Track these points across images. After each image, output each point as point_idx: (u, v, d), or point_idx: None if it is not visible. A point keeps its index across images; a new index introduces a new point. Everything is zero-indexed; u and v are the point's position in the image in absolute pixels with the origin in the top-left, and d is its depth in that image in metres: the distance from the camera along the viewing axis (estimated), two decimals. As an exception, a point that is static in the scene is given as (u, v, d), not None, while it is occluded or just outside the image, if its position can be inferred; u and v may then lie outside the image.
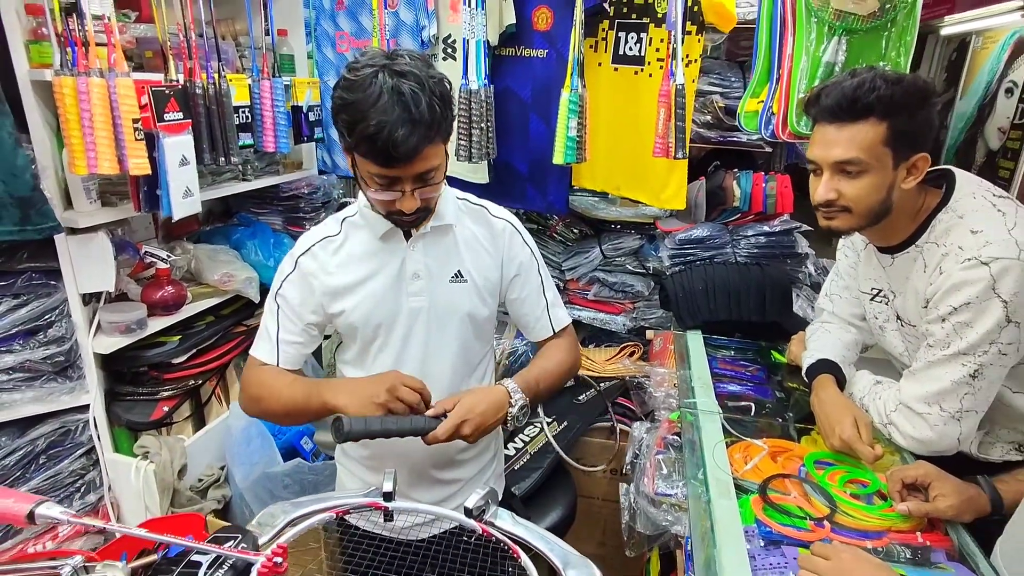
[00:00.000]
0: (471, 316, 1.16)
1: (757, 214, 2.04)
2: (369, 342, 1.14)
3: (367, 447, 1.22)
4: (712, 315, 1.80)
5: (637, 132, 1.98)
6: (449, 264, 1.14)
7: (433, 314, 1.13)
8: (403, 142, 0.89)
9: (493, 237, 1.18)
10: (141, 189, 1.43)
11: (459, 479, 1.26)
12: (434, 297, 1.13)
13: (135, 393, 1.66)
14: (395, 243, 1.11)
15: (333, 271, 1.11)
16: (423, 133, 0.91)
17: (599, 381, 2.18)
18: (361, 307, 1.11)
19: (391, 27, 1.98)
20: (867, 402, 1.27)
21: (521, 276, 1.21)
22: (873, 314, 1.38)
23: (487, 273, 1.17)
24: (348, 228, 1.14)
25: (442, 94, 0.94)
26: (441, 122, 0.94)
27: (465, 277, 1.14)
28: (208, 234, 2.07)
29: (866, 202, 1.11)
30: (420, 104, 0.89)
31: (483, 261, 1.17)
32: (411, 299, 1.12)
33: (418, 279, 1.11)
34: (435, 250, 1.13)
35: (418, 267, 1.11)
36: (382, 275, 1.11)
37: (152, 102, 1.32)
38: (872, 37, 1.47)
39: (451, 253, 1.14)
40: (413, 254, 1.11)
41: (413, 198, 0.98)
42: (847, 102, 1.06)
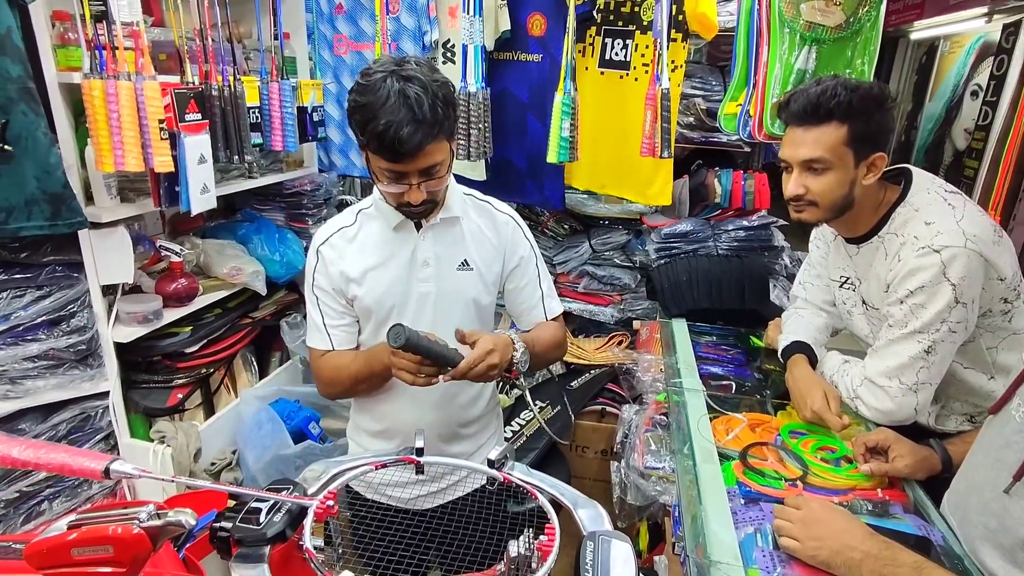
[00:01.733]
0: (475, 302, 1.25)
1: (737, 210, 2.18)
2: (381, 324, 1.23)
3: (378, 421, 1.32)
4: (695, 304, 1.93)
5: (623, 133, 2.10)
6: (456, 253, 1.23)
7: (440, 299, 1.22)
8: (408, 139, 0.98)
9: (497, 230, 1.27)
10: (162, 185, 1.51)
11: (463, 452, 1.36)
12: (441, 284, 1.21)
13: (150, 381, 1.73)
14: (407, 233, 1.21)
15: (349, 258, 1.20)
16: (426, 131, 1.00)
17: (589, 368, 2.30)
18: (374, 291, 1.20)
19: (392, 31, 2.08)
20: (836, 379, 1.40)
21: (520, 267, 1.30)
22: (842, 300, 1.51)
23: (490, 263, 1.26)
24: (363, 219, 1.24)
25: (445, 96, 1.03)
26: (443, 122, 1.03)
27: (471, 266, 1.23)
28: (213, 229, 2.14)
29: (830, 196, 1.24)
30: (423, 105, 0.99)
31: (487, 252, 1.26)
32: (420, 285, 1.20)
33: (427, 266, 1.20)
34: (444, 240, 1.22)
35: (428, 255, 1.20)
36: (394, 262, 1.20)
37: (175, 103, 1.40)
38: (839, 47, 1.60)
39: (458, 243, 1.23)
40: (423, 243, 1.20)
41: (419, 191, 1.07)
42: (812, 107, 1.20)
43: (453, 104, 1.07)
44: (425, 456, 0.85)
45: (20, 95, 1.25)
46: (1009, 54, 1.85)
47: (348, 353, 1.24)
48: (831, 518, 0.97)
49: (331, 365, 1.23)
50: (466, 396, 1.30)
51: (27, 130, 1.27)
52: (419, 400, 1.25)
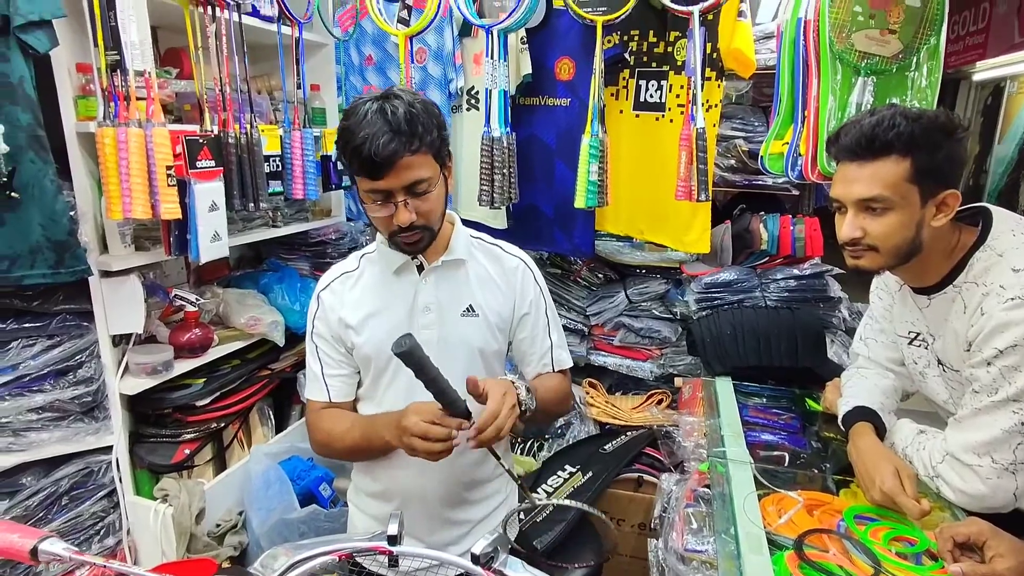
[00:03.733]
0: (481, 351, 1.18)
1: (786, 257, 2.00)
2: (380, 373, 1.16)
3: (378, 481, 1.22)
4: (741, 360, 1.74)
5: (659, 176, 1.98)
6: (461, 298, 1.16)
7: (443, 347, 1.14)
8: (383, 148, 0.96)
9: (506, 274, 1.21)
10: (172, 233, 1.48)
11: (470, 519, 1.23)
12: (444, 330, 1.15)
13: (158, 435, 1.67)
14: (408, 276, 1.15)
15: (349, 304, 1.16)
16: (402, 142, 0.98)
17: (626, 430, 2.11)
18: (374, 338, 1.14)
19: (418, 80, 2.06)
20: (910, 453, 1.19)
21: (530, 315, 1.22)
22: (912, 359, 1.31)
23: (499, 309, 1.19)
24: (365, 263, 1.20)
25: (425, 110, 1.01)
26: (423, 134, 1.00)
27: (476, 312, 1.17)
28: (238, 279, 2.12)
29: (893, 240, 1.07)
30: (398, 115, 0.98)
31: (495, 297, 1.19)
32: (422, 331, 1.14)
33: (429, 312, 1.14)
34: (447, 284, 1.16)
35: (429, 300, 1.14)
36: (395, 307, 1.15)
37: (185, 150, 1.38)
38: (898, 78, 1.46)
39: (463, 288, 1.17)
40: (425, 287, 1.14)
41: (407, 210, 1.02)
42: (866, 140, 1.05)
43: (438, 123, 1.04)
44: (402, 545, 0.71)
45: (29, 143, 1.24)
46: None
47: (345, 418, 1.16)
48: None
49: (326, 428, 1.15)
50: (473, 452, 1.17)
51: (35, 178, 1.26)
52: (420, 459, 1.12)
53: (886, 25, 1.45)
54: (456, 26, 2.01)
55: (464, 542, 1.23)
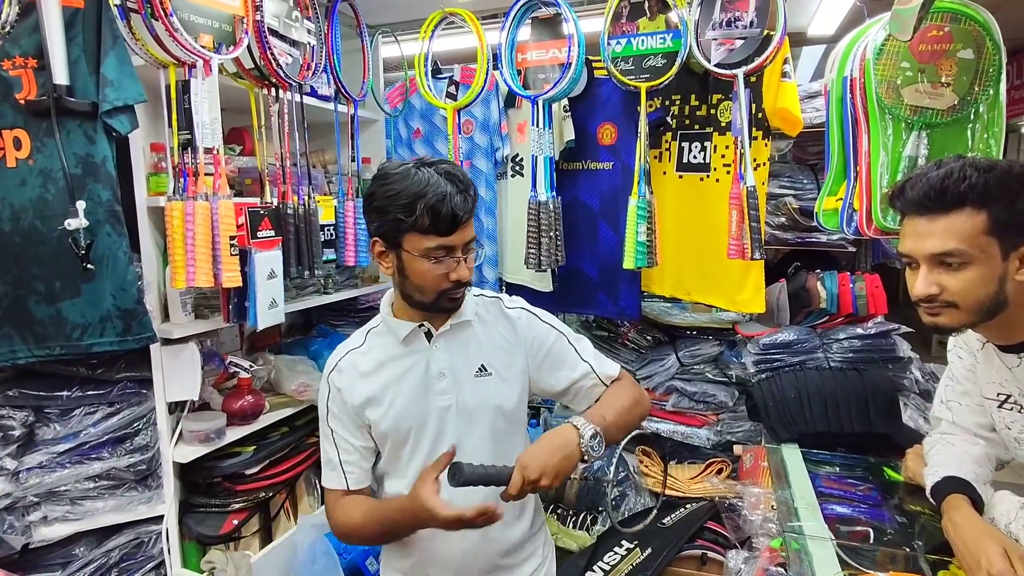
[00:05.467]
0: (500, 408, 1.15)
1: (847, 316, 1.91)
2: (400, 446, 1.14)
3: (409, 557, 1.18)
4: (809, 426, 1.63)
5: (706, 236, 1.96)
6: (472, 359, 1.15)
7: (462, 411, 1.13)
8: (461, 206, 1.03)
9: (511, 325, 1.19)
10: (231, 301, 1.52)
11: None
12: (461, 394, 1.13)
13: (208, 504, 1.65)
14: (418, 345, 1.14)
15: (360, 383, 1.13)
16: (472, 198, 1.06)
17: (685, 502, 1.99)
18: (390, 413, 1.12)
19: (466, 150, 2.13)
20: (1015, 529, 1.08)
21: (551, 355, 1.19)
22: (1004, 424, 1.20)
23: (510, 363, 1.17)
24: (372, 338, 1.18)
25: (471, 181, 1.09)
26: (474, 199, 1.07)
27: (489, 370, 1.15)
28: (288, 346, 2.15)
29: (974, 296, 1.01)
30: (464, 178, 1.06)
31: (504, 352, 1.17)
32: (438, 398, 1.12)
33: (444, 377, 1.13)
34: (457, 347, 1.15)
35: (442, 366, 1.13)
36: (408, 378, 1.13)
37: (248, 221, 1.44)
38: (956, 130, 1.43)
39: (472, 348, 1.16)
40: (436, 353, 1.13)
41: (465, 267, 1.07)
42: (936, 193, 1.00)
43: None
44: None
45: (107, 218, 1.31)
46: None
47: (356, 511, 1.13)
48: None
49: (342, 521, 1.13)
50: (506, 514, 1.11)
51: (110, 250, 1.32)
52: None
53: (938, 79, 1.44)
54: (502, 98, 2.08)
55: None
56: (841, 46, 1.58)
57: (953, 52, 1.42)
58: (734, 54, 1.68)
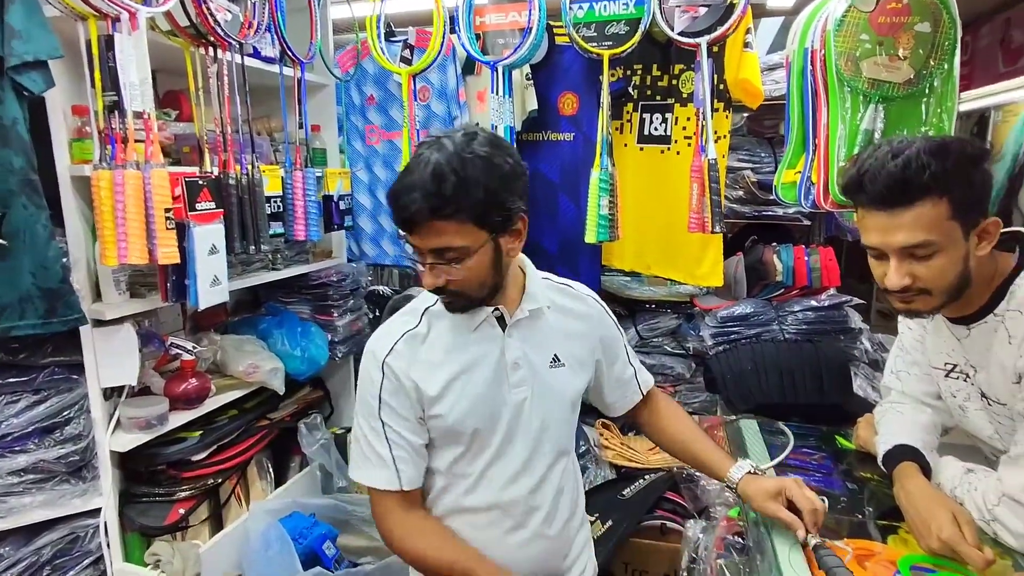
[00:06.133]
0: (571, 401, 1.11)
1: (802, 288, 1.95)
2: (469, 442, 1.03)
3: None
4: (765, 397, 1.66)
5: (666, 210, 1.95)
6: (546, 350, 1.07)
7: (536, 405, 1.06)
8: (408, 205, 0.88)
9: (585, 316, 1.13)
10: (169, 279, 1.41)
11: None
12: (536, 386, 1.06)
13: (151, 494, 1.56)
14: (490, 331, 1.03)
15: (424, 369, 1.00)
16: (432, 204, 0.87)
17: (644, 473, 2.01)
18: (459, 407, 1.00)
19: (422, 118, 2.04)
20: (960, 494, 1.11)
21: (610, 356, 1.17)
22: (950, 392, 1.24)
23: (581, 355, 1.12)
24: (431, 319, 1.04)
25: (472, 176, 0.88)
26: (459, 201, 0.88)
27: (563, 361, 1.09)
28: (236, 324, 2.04)
29: (945, 280, 1.02)
30: (438, 175, 0.87)
31: (576, 343, 1.11)
32: (514, 391, 1.04)
33: (519, 368, 1.04)
34: (532, 336, 1.06)
35: (518, 356, 1.04)
36: (479, 369, 1.02)
37: (185, 192, 1.33)
38: (911, 104, 1.44)
39: (547, 338, 1.08)
40: (512, 342, 1.03)
41: (432, 274, 0.93)
42: (899, 186, 0.98)
43: (490, 188, 0.90)
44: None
45: (21, 187, 1.19)
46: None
47: (447, 547, 1.02)
48: None
49: (419, 548, 1.01)
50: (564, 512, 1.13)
51: (26, 224, 1.20)
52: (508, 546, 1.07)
53: (895, 51, 1.44)
54: (459, 64, 2.00)
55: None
56: (803, 17, 1.56)
57: (911, 25, 1.42)
58: (697, 22, 1.65)
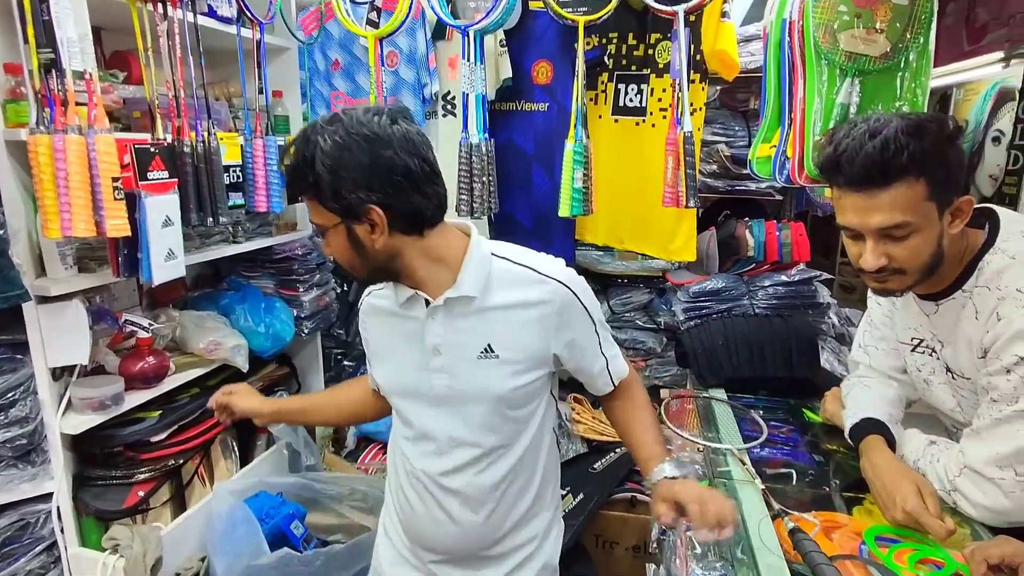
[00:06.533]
0: (501, 398, 1.01)
1: (772, 263, 1.96)
2: (398, 410, 1.10)
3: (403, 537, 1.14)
4: (736, 372, 1.67)
5: (640, 184, 1.93)
6: (476, 338, 0.98)
7: (457, 397, 1.01)
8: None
9: (541, 306, 0.99)
10: (120, 252, 1.33)
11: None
12: (457, 378, 1.00)
13: (107, 477, 1.50)
14: (415, 311, 1.00)
15: (373, 327, 1.10)
16: (290, 178, 0.95)
17: (615, 447, 2.02)
18: (387, 373, 1.09)
19: (390, 85, 1.95)
20: (923, 465, 1.14)
21: (578, 345, 1.05)
22: (915, 366, 1.26)
23: (526, 345, 1.00)
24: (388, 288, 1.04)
25: (311, 156, 0.88)
26: (301, 181, 0.91)
27: (497, 352, 0.99)
28: (195, 300, 1.96)
29: (920, 260, 1.02)
30: (286, 159, 0.93)
31: (522, 333, 0.99)
32: (434, 376, 1.01)
33: (439, 355, 0.99)
34: (456, 323, 0.98)
35: (438, 341, 0.99)
36: (405, 347, 1.03)
37: (135, 160, 1.24)
38: (886, 78, 1.42)
39: (479, 325, 0.98)
40: (433, 325, 0.99)
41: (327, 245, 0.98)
42: (879, 168, 0.96)
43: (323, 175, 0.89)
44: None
45: (-51, 153, 1.09)
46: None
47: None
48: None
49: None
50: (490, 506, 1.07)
51: (-44, 193, 1.10)
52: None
53: (872, 24, 1.42)
54: (429, 28, 1.91)
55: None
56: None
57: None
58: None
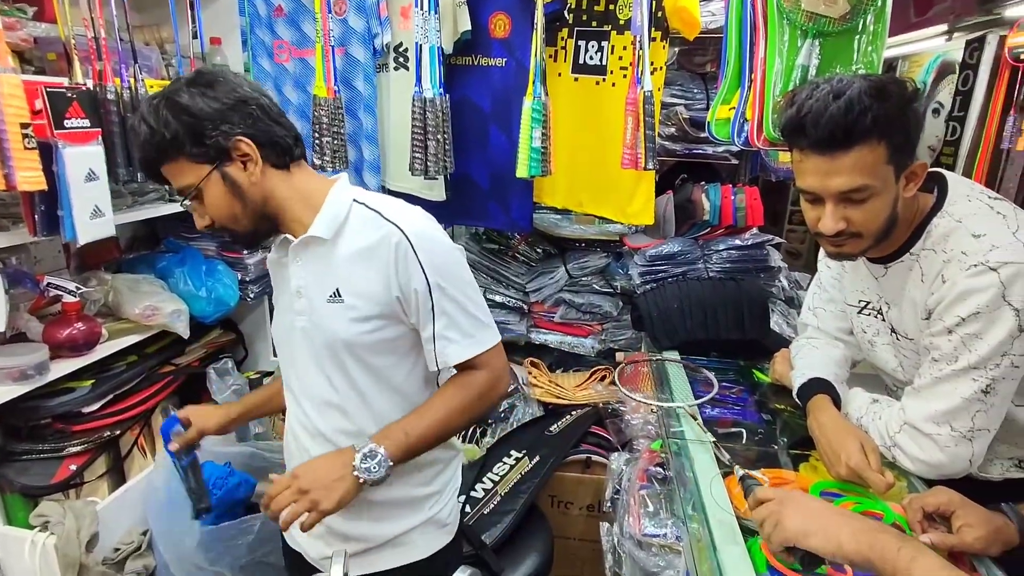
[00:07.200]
0: (347, 344, 0.99)
1: (727, 227, 1.97)
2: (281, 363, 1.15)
3: None
4: (690, 335, 1.69)
5: (600, 145, 1.89)
6: (327, 281, 1.01)
7: (314, 336, 1.03)
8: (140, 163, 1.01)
9: (379, 246, 0.97)
10: (37, 209, 1.21)
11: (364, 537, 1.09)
12: (313, 318, 1.03)
13: (33, 451, 1.40)
14: (283, 254, 1.07)
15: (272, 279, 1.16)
16: (146, 154, 0.97)
17: (570, 409, 2.04)
18: (275, 324, 1.14)
19: (338, 35, 1.83)
20: (866, 422, 1.18)
21: (411, 301, 0.98)
22: (861, 328, 1.30)
23: (368, 291, 0.98)
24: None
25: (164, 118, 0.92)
26: (161, 145, 0.94)
27: (343, 296, 0.99)
28: (131, 263, 1.84)
29: (876, 224, 1.03)
30: (137, 132, 0.95)
31: (365, 276, 0.98)
32: (297, 318, 1.05)
33: (300, 296, 1.04)
34: (313, 265, 1.02)
35: (300, 283, 1.04)
36: (282, 290, 1.10)
37: (48, 106, 1.12)
38: (845, 40, 1.42)
39: (331, 268, 1.00)
40: (296, 267, 1.04)
41: (196, 215, 1.01)
42: (841, 131, 0.96)
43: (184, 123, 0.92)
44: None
45: None
46: (975, 69, 1.87)
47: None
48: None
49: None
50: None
51: None
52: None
53: (833, -15, 1.41)
54: (379, -27, 1.79)
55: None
56: (744, -58, 1.49)
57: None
58: (637, -59, 1.54)
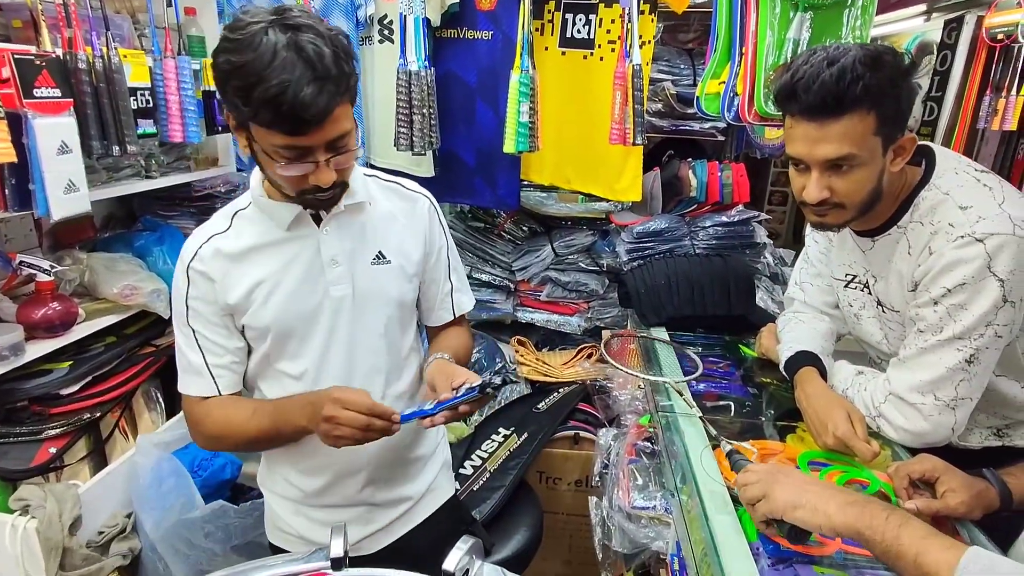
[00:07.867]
0: (398, 301, 1.07)
1: (713, 204, 1.98)
2: (281, 345, 1.01)
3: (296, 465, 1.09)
4: (677, 311, 1.70)
5: (588, 120, 1.87)
6: (369, 245, 1.03)
7: (358, 302, 1.03)
8: (312, 102, 0.79)
9: (414, 213, 1.10)
10: (7, 183, 1.16)
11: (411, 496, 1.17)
12: (358, 283, 1.02)
13: (10, 434, 1.36)
14: (304, 229, 1.00)
15: (233, 273, 0.98)
16: (332, 90, 0.81)
17: (558, 387, 2.05)
18: (272, 308, 0.98)
19: (319, 6, 1.78)
20: (851, 393, 1.20)
21: (437, 258, 1.14)
22: (847, 301, 1.31)
23: (410, 252, 1.08)
24: (240, 222, 1.00)
25: (345, 48, 0.85)
26: (348, 78, 0.85)
27: (388, 258, 1.05)
28: (107, 241, 1.78)
29: (860, 195, 1.03)
30: (324, 58, 0.80)
31: (406, 239, 1.08)
32: (333, 288, 1.01)
33: (337, 264, 1.00)
34: (351, 231, 1.02)
35: (335, 252, 1.00)
36: (295, 268, 0.99)
37: (16, 74, 1.07)
38: (835, 13, 1.41)
39: (369, 233, 1.04)
40: (328, 238, 1.00)
41: (329, 169, 0.88)
42: (832, 98, 0.96)
43: (354, 59, 0.88)
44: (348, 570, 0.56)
45: None
46: (952, 49, 1.90)
47: (245, 404, 1.01)
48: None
49: (219, 417, 0.99)
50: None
51: None
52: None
53: (823, -43, 1.39)
54: (361, -59, 1.74)
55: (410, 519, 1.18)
56: (735, -87, 1.47)
57: (840, -73, 1.37)
58: (626, -91, 1.51)
